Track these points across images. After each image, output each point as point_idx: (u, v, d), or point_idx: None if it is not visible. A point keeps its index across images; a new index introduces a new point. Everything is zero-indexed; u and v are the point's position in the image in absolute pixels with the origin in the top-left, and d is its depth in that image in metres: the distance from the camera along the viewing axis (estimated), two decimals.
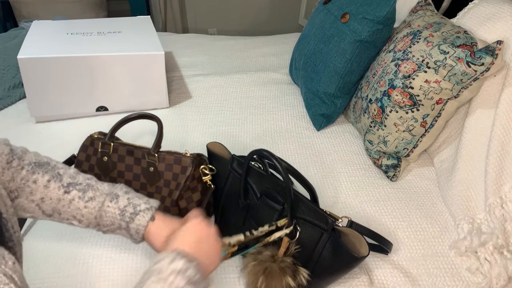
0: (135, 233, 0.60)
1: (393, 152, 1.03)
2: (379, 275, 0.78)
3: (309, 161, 1.07)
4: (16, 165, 0.58)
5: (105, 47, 1.14)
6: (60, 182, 0.60)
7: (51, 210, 0.60)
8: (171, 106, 1.26)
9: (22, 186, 0.58)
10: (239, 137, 1.15)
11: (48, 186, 0.59)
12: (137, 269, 0.76)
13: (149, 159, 0.78)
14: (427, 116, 0.94)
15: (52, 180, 0.60)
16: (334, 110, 1.18)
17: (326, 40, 1.15)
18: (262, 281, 0.65)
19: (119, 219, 0.60)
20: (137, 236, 0.60)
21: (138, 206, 0.61)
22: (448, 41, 0.88)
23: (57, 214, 0.60)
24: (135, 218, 0.60)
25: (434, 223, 0.90)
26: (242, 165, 0.76)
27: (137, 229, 0.60)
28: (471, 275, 0.79)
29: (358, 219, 0.90)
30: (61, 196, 0.59)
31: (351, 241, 0.66)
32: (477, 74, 0.84)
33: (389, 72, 0.97)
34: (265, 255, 0.67)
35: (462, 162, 0.92)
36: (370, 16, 1.04)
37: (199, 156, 0.79)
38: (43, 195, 0.59)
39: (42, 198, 0.59)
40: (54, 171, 0.61)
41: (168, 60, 1.54)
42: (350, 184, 1.00)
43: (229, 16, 2.43)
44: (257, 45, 1.73)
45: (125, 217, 0.60)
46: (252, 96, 1.34)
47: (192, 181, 0.77)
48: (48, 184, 0.59)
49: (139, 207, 0.61)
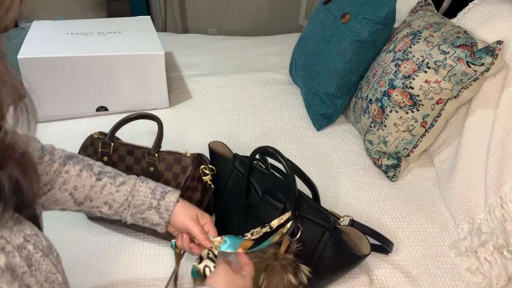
0: (165, 210, 0.64)
1: (393, 152, 1.03)
2: (379, 275, 0.78)
3: (309, 161, 1.07)
4: (48, 160, 0.61)
5: (105, 47, 1.14)
6: (91, 171, 0.64)
7: (83, 198, 0.63)
8: (171, 106, 1.26)
9: (55, 178, 0.61)
10: (239, 137, 1.15)
11: (80, 175, 0.63)
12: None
13: (149, 159, 0.78)
14: (427, 116, 0.94)
15: (83, 169, 0.63)
16: (334, 110, 1.18)
17: (326, 40, 1.15)
18: (264, 278, 0.65)
19: (150, 197, 0.64)
20: (166, 214, 0.64)
21: (166, 188, 0.66)
22: (448, 41, 0.88)
23: (89, 201, 0.63)
24: (165, 196, 0.65)
25: (434, 223, 0.90)
26: (244, 164, 0.77)
27: (167, 206, 0.64)
28: (471, 275, 0.79)
29: (358, 219, 0.89)
30: (94, 183, 0.63)
31: (353, 240, 0.67)
32: (477, 74, 0.84)
33: (389, 72, 0.98)
34: (267, 253, 0.68)
35: (462, 162, 0.92)
36: (370, 16, 1.04)
37: (199, 156, 0.79)
38: (76, 183, 0.62)
39: (75, 186, 0.62)
40: (84, 162, 0.64)
41: (168, 60, 1.54)
42: (350, 184, 1.00)
43: (229, 16, 2.43)
44: (257, 45, 1.73)
45: (156, 195, 0.64)
46: (252, 96, 1.34)
47: (192, 181, 0.77)
48: (80, 173, 0.63)
49: (167, 188, 0.66)
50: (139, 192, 0.64)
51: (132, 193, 0.64)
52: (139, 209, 0.64)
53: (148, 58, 1.15)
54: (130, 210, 0.64)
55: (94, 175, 0.63)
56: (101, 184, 0.63)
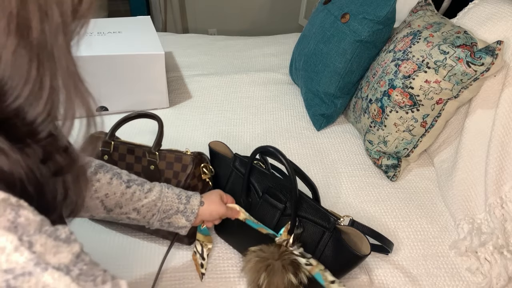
0: (191, 213, 0.68)
1: (393, 152, 1.03)
2: (379, 275, 0.78)
3: (309, 161, 1.07)
4: None
5: (105, 47, 1.14)
6: (120, 179, 0.65)
7: (113, 205, 0.64)
8: (171, 106, 1.26)
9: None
10: (239, 137, 1.15)
11: (111, 183, 0.64)
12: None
13: (150, 158, 0.78)
14: (427, 116, 0.94)
15: (114, 177, 0.65)
16: (334, 110, 1.19)
17: (326, 40, 1.15)
18: (264, 278, 0.65)
19: (177, 202, 0.68)
20: (192, 217, 0.68)
21: (188, 192, 0.70)
22: (448, 41, 0.88)
23: (118, 208, 0.65)
24: (190, 199, 0.69)
25: (434, 223, 0.90)
26: (244, 164, 0.77)
27: (193, 209, 0.68)
28: (471, 275, 0.79)
29: (359, 219, 0.89)
30: (124, 190, 0.65)
31: (353, 240, 0.67)
32: (477, 74, 0.84)
33: (389, 72, 0.98)
34: (268, 252, 0.68)
35: (462, 162, 0.92)
36: (370, 16, 1.04)
37: (199, 155, 0.79)
38: (107, 191, 0.63)
39: (106, 194, 0.63)
40: (113, 170, 0.66)
41: (168, 60, 1.54)
42: (350, 184, 1.00)
43: (229, 16, 2.43)
44: (257, 45, 1.73)
45: (182, 199, 0.68)
46: (252, 96, 1.34)
47: (192, 179, 0.77)
48: (111, 181, 0.64)
49: (189, 192, 0.70)
50: (167, 198, 0.67)
51: (160, 199, 0.66)
52: (167, 214, 0.67)
53: (148, 58, 1.14)
54: (158, 215, 0.66)
55: (124, 183, 0.65)
56: (131, 192, 0.65)
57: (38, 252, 0.29)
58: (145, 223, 0.67)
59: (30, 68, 0.30)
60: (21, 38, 0.29)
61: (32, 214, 0.30)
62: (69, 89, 0.33)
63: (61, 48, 0.32)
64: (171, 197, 0.68)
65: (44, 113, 0.32)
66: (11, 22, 0.29)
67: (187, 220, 0.68)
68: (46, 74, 0.31)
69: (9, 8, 0.28)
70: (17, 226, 0.29)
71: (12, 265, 0.27)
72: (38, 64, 0.31)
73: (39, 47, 0.30)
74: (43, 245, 0.30)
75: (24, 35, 0.29)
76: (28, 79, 0.30)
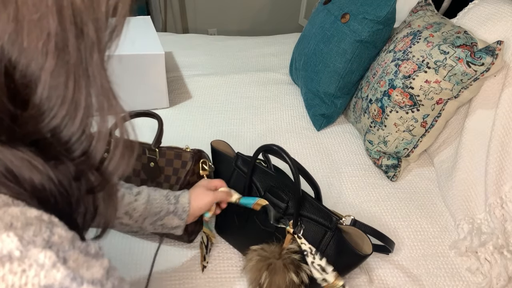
0: (182, 211, 0.67)
1: (393, 152, 1.03)
2: (380, 274, 0.78)
3: (309, 161, 1.07)
4: None
5: None
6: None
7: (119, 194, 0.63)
8: (171, 106, 1.26)
9: None
10: (239, 137, 1.15)
11: None
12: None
13: (150, 155, 0.78)
14: (427, 116, 0.94)
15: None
16: (334, 110, 1.19)
17: (326, 40, 1.15)
18: (266, 277, 0.65)
19: (166, 203, 0.67)
20: (184, 215, 0.67)
21: (175, 192, 0.69)
22: (448, 41, 0.88)
23: None
24: (178, 198, 0.68)
25: (434, 223, 0.90)
26: (246, 163, 0.77)
27: (183, 207, 0.67)
28: (471, 275, 0.79)
29: (359, 219, 0.89)
30: None
31: (354, 240, 0.67)
32: (477, 74, 0.84)
33: (389, 72, 0.98)
34: (269, 251, 0.68)
35: (462, 162, 0.92)
36: (370, 16, 1.04)
37: (199, 152, 0.79)
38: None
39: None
40: None
41: (168, 60, 1.54)
42: (351, 184, 1.00)
43: (229, 16, 2.43)
44: (257, 45, 1.73)
45: (170, 200, 0.67)
46: (252, 96, 1.34)
47: (192, 176, 0.77)
48: None
49: (177, 192, 0.69)
50: (155, 200, 0.66)
51: (149, 201, 0.66)
52: (158, 216, 0.66)
53: (148, 58, 1.14)
54: (150, 218, 0.66)
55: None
56: (120, 195, 0.64)
57: (72, 267, 0.29)
58: (137, 228, 0.66)
59: (67, 88, 0.30)
60: (58, 58, 0.29)
61: (64, 231, 0.31)
62: (103, 106, 0.33)
63: (96, 66, 0.32)
64: (159, 199, 0.67)
65: (78, 132, 0.32)
66: (49, 42, 0.28)
67: (180, 219, 0.67)
68: (82, 93, 0.31)
69: (47, 28, 0.28)
70: (52, 244, 0.29)
71: (51, 281, 0.27)
72: (74, 84, 0.30)
73: (75, 66, 0.30)
74: (75, 261, 0.30)
75: (61, 55, 0.29)
76: (65, 100, 0.30)
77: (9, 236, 0.27)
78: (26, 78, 0.29)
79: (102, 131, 0.33)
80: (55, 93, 0.30)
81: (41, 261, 0.28)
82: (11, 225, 0.28)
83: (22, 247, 0.27)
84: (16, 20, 0.27)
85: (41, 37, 0.28)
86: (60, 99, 0.30)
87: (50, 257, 0.28)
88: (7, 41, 0.27)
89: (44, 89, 0.29)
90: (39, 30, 0.28)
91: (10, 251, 0.27)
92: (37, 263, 0.27)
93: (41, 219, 0.29)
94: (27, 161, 0.30)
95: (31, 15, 0.27)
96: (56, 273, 0.28)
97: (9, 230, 0.27)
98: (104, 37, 0.32)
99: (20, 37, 0.28)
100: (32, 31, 0.28)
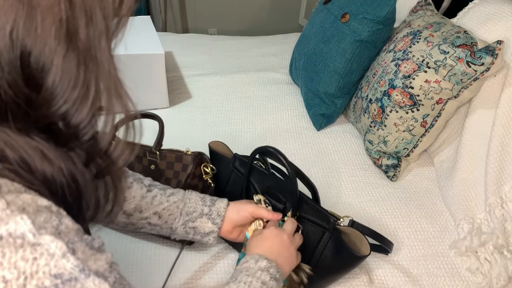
0: (217, 215, 0.65)
1: (393, 152, 1.03)
2: (380, 275, 0.78)
3: (309, 161, 1.07)
4: None
5: None
6: (142, 183, 0.65)
7: (132, 209, 0.63)
8: (171, 106, 1.26)
9: None
10: (239, 137, 1.15)
11: (131, 186, 0.63)
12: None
13: (151, 157, 0.78)
14: (427, 116, 0.94)
15: (134, 182, 0.64)
16: (334, 110, 1.18)
17: (326, 40, 1.15)
18: None
19: (201, 204, 0.65)
20: (218, 220, 0.65)
21: (213, 197, 0.68)
22: (448, 41, 0.88)
23: (138, 212, 0.63)
24: (215, 202, 0.66)
25: (434, 223, 0.90)
26: (244, 164, 0.77)
27: (218, 211, 0.65)
28: (471, 275, 0.79)
29: (359, 219, 0.89)
30: (144, 193, 0.64)
31: (352, 241, 0.67)
32: (477, 74, 0.84)
33: (389, 72, 0.98)
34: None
35: (462, 162, 0.92)
36: (370, 16, 1.04)
37: (200, 155, 0.79)
38: (126, 195, 0.62)
39: (125, 197, 0.62)
40: (135, 176, 0.65)
41: (168, 60, 1.54)
42: (350, 184, 1.00)
43: (229, 16, 2.42)
44: (257, 45, 1.73)
45: (206, 202, 0.66)
46: (252, 96, 1.34)
47: (193, 179, 0.77)
48: (131, 185, 0.63)
49: (214, 197, 0.68)
50: (190, 200, 0.65)
51: (183, 201, 0.65)
52: (190, 217, 0.64)
53: (148, 58, 1.14)
54: (181, 218, 0.64)
55: (145, 187, 0.64)
56: (152, 195, 0.64)
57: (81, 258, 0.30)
58: (167, 229, 0.64)
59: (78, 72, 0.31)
60: (69, 43, 0.30)
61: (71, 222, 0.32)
62: (110, 92, 0.34)
63: (104, 52, 0.33)
64: (194, 199, 0.65)
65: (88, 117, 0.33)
66: (61, 28, 0.30)
67: (214, 223, 0.64)
68: (92, 78, 0.33)
69: (58, 14, 0.29)
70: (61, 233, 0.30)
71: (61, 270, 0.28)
72: (85, 68, 0.32)
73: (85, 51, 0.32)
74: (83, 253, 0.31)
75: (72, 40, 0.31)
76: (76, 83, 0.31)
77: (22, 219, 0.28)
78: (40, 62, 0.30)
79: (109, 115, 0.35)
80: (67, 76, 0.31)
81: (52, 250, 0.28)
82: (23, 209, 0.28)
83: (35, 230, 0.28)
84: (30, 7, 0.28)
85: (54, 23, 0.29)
86: (72, 82, 0.31)
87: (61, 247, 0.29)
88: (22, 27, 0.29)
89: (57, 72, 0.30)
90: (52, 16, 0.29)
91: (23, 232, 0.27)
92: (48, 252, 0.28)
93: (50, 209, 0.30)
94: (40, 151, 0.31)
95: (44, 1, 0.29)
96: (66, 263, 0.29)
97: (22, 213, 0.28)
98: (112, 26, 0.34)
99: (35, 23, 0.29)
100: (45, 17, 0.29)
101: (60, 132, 0.33)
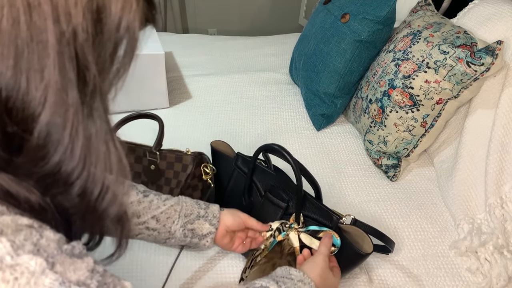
0: (213, 217, 0.67)
1: (393, 152, 1.03)
2: (380, 274, 0.78)
3: (309, 161, 1.07)
4: None
5: None
6: (137, 189, 0.65)
7: (130, 215, 0.62)
8: (171, 106, 1.26)
9: None
10: (239, 137, 1.15)
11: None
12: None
13: (151, 157, 0.78)
14: (427, 116, 0.94)
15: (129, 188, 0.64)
16: (334, 110, 1.19)
17: (326, 40, 1.15)
18: None
19: (197, 207, 0.67)
20: (215, 221, 0.67)
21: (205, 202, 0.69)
22: (448, 41, 0.88)
23: (136, 217, 0.64)
24: (209, 205, 0.68)
25: (434, 223, 0.90)
26: (247, 162, 0.77)
27: (214, 213, 0.67)
28: (471, 275, 0.79)
29: (359, 219, 0.89)
30: (141, 199, 0.64)
31: (355, 239, 0.67)
32: (477, 74, 0.84)
33: (389, 72, 0.98)
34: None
35: (462, 162, 0.92)
36: (370, 16, 1.04)
37: (200, 155, 0.79)
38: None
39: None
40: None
41: (168, 60, 1.54)
42: (351, 184, 1.00)
43: (229, 16, 2.42)
44: (257, 45, 1.73)
45: (201, 205, 0.68)
46: (252, 96, 1.34)
47: (193, 179, 0.77)
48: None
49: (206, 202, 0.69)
50: (186, 203, 0.67)
51: (179, 204, 0.66)
52: (189, 219, 0.66)
53: (148, 58, 1.14)
54: (180, 220, 0.65)
55: (140, 193, 0.65)
56: (148, 200, 0.64)
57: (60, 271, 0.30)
58: (165, 233, 0.65)
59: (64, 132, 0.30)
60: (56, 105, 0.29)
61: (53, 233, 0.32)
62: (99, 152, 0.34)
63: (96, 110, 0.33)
64: (190, 202, 0.67)
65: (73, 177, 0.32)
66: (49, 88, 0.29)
67: (211, 224, 0.66)
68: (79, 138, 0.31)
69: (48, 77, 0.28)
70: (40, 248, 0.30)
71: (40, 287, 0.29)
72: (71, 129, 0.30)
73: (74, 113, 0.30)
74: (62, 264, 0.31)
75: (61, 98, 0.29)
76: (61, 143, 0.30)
77: (1, 242, 0.28)
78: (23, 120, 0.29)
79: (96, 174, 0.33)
80: (53, 136, 0.30)
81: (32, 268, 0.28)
82: (1, 232, 0.28)
83: (13, 251, 0.28)
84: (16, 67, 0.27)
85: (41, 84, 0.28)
86: (56, 144, 0.30)
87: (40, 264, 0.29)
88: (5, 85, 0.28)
89: (41, 132, 0.29)
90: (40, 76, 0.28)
91: (1, 256, 0.27)
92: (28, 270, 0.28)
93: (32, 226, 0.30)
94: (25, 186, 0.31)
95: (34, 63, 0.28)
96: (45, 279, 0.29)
97: (0, 236, 0.28)
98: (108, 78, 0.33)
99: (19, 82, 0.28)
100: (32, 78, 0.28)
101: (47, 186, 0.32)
